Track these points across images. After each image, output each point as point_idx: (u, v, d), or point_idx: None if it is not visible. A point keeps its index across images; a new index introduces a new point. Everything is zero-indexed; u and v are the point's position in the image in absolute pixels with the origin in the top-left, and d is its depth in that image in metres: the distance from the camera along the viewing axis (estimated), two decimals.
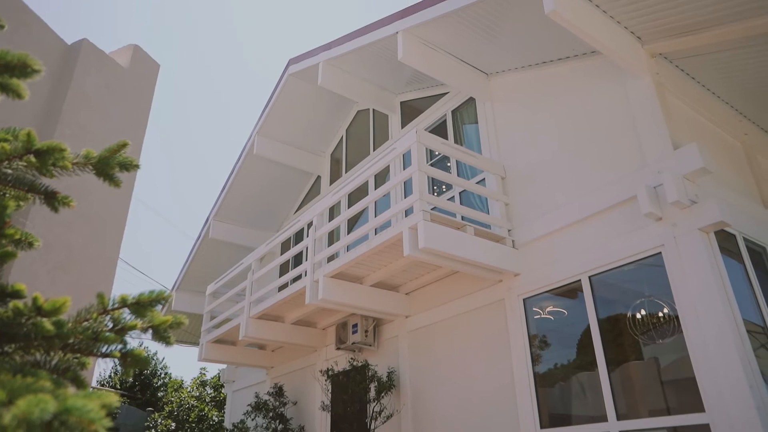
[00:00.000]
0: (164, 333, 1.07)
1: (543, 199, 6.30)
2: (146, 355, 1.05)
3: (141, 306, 1.02)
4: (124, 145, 1.18)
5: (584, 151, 6.03)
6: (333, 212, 10.48)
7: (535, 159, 6.57)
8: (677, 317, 4.77)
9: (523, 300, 6.11)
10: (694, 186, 4.99)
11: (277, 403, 8.95)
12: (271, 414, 8.79)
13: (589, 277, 5.53)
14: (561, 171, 6.21)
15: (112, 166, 1.15)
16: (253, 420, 9.40)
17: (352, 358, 7.98)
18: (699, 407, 4.42)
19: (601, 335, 5.29)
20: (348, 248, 8.71)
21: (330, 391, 8.26)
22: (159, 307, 1.23)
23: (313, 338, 8.96)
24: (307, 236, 7.90)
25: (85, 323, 0.98)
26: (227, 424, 11.39)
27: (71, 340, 0.93)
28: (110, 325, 1.01)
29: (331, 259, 8.90)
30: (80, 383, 0.92)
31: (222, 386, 15.16)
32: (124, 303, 1.02)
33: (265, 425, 8.88)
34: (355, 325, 7.89)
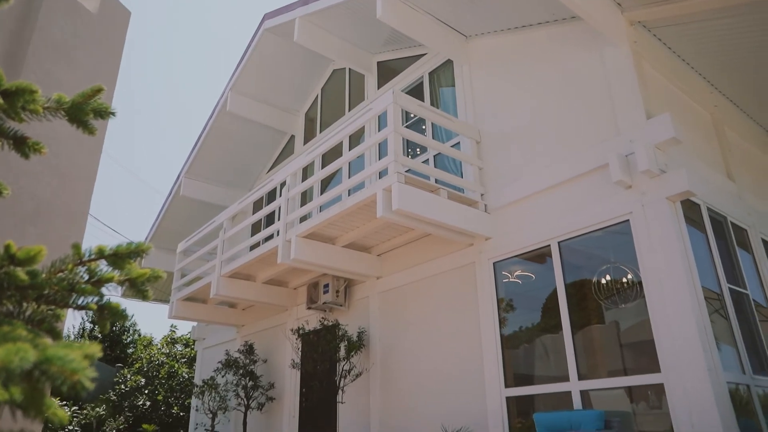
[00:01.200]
0: (142, 286, 1.05)
1: (517, 165, 6.35)
2: (123, 308, 1.04)
3: (119, 258, 0.99)
4: (99, 91, 1.12)
5: (559, 118, 6.06)
6: (306, 172, 10.39)
7: (511, 124, 6.59)
8: (640, 283, 4.93)
9: (493, 264, 6.23)
10: (664, 155, 5.09)
11: (248, 360, 9.03)
12: (241, 371, 8.87)
13: (559, 243, 5.66)
14: (535, 137, 6.25)
15: (86, 112, 1.09)
16: (223, 377, 9.49)
17: (322, 318, 8.07)
18: (655, 368, 4.63)
19: (567, 299, 5.45)
20: (321, 209, 8.69)
21: (300, 349, 8.36)
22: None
23: (284, 297, 9.00)
24: (280, 196, 7.84)
25: (60, 274, 0.95)
26: (197, 381, 11.47)
27: (46, 291, 0.90)
28: (86, 277, 0.98)
29: (303, 219, 8.87)
30: (56, 335, 0.90)
31: (193, 343, 15.20)
32: (101, 254, 0.99)
33: (235, 382, 8.97)
34: (326, 285, 7.94)
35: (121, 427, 12.38)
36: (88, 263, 0.99)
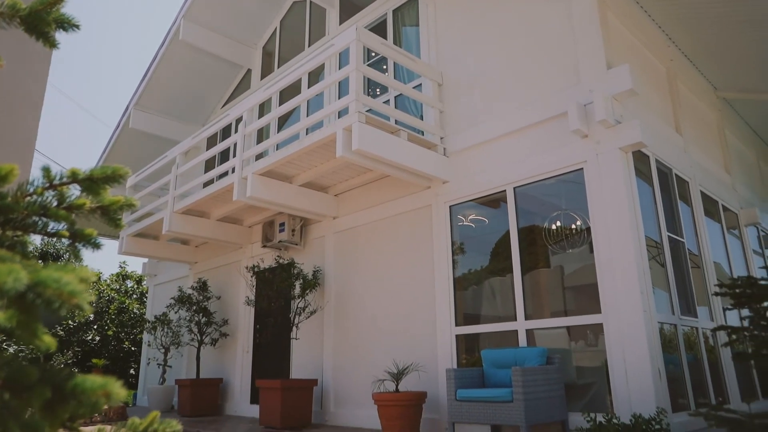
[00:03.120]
0: (114, 215, 1.01)
1: (477, 109, 6.37)
2: (96, 236, 1.01)
3: (94, 182, 0.95)
4: None
5: (522, 65, 6.07)
6: (263, 109, 10.10)
7: (473, 68, 6.56)
8: (588, 229, 5.15)
9: (450, 207, 6.34)
10: (620, 106, 5.22)
11: (201, 297, 9.02)
12: (194, 307, 8.88)
13: (514, 188, 5.79)
14: (497, 82, 6.26)
15: (47, 21, 1.00)
16: (176, 313, 9.47)
17: (278, 256, 8.08)
18: (597, 309, 4.92)
19: (519, 244, 5.65)
20: (277, 147, 8.53)
21: (255, 287, 8.40)
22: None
23: (239, 235, 8.94)
24: (236, 132, 7.63)
25: (28, 198, 0.91)
26: (149, 316, 11.41)
27: (14, 215, 0.86)
28: (54, 202, 0.94)
29: (259, 157, 8.70)
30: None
31: (142, 279, 15.00)
32: (74, 178, 0.94)
33: (188, 318, 8.98)
34: (282, 224, 7.91)
35: (69, 361, 12.27)
36: (59, 187, 0.94)
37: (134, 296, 14.41)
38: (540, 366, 4.69)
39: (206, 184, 9.58)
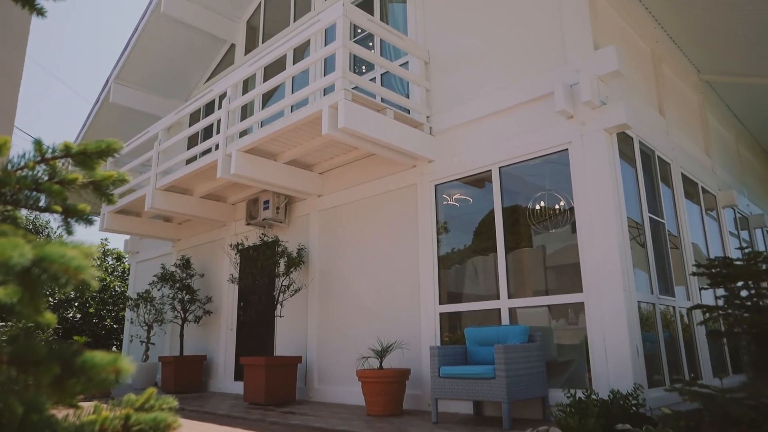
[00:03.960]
0: (106, 190, 0.99)
1: (464, 88, 6.35)
2: (88, 212, 0.99)
3: (87, 157, 0.93)
4: None
5: (509, 44, 6.05)
6: (247, 85, 9.95)
7: (461, 46, 6.52)
8: (572, 209, 5.21)
9: (435, 186, 6.36)
10: (605, 87, 5.24)
11: (184, 274, 8.97)
12: (177, 285, 8.83)
13: (499, 168, 5.82)
14: (484, 61, 6.23)
15: None
16: (159, 290, 9.42)
17: (262, 234, 8.06)
18: (579, 288, 5.01)
19: (504, 223, 5.70)
20: (262, 124, 8.43)
21: (239, 264, 8.38)
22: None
23: (223, 213, 8.87)
24: (219, 108, 7.52)
25: (20, 172, 0.89)
26: (131, 294, 11.34)
27: (5, 189, 0.84)
28: (45, 177, 0.92)
29: (243, 134, 8.60)
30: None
31: (119, 256, 14.85)
32: (67, 151, 0.92)
33: (171, 295, 8.94)
34: (266, 202, 7.87)
35: (50, 339, 12.17)
36: (51, 161, 0.92)
37: (115, 273, 14.28)
38: (522, 344, 4.77)
39: (189, 161, 9.47)
